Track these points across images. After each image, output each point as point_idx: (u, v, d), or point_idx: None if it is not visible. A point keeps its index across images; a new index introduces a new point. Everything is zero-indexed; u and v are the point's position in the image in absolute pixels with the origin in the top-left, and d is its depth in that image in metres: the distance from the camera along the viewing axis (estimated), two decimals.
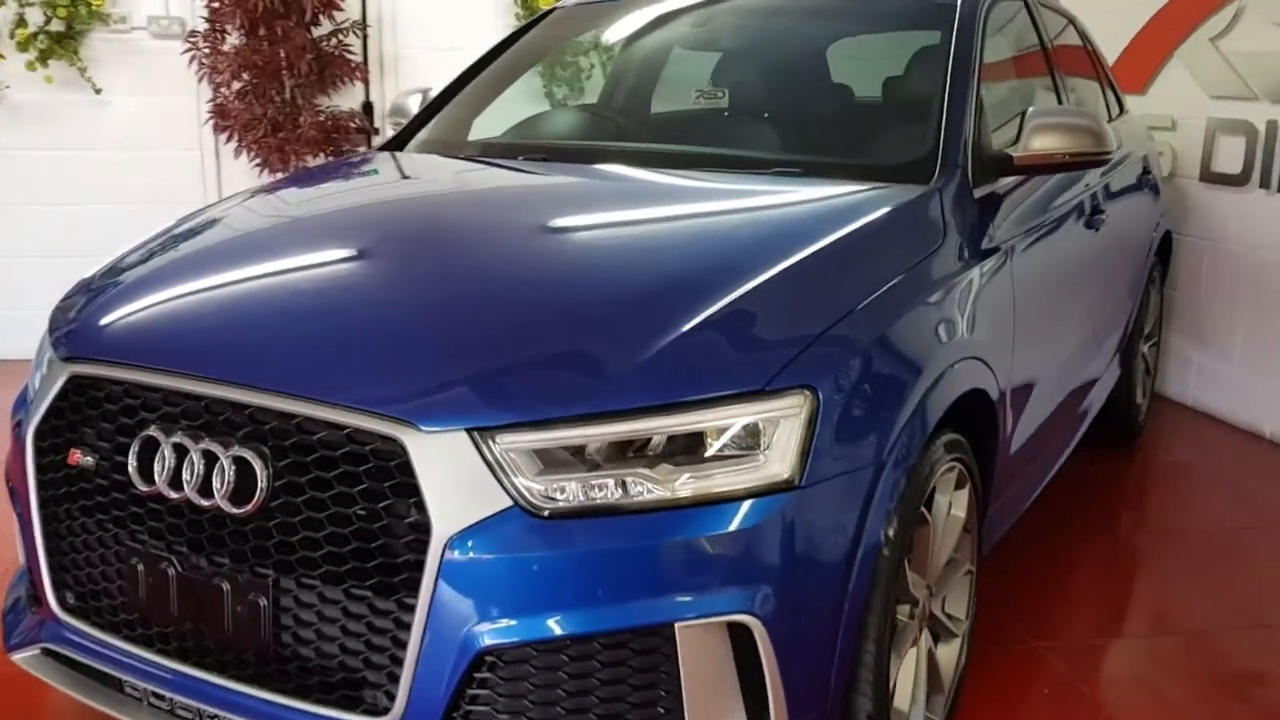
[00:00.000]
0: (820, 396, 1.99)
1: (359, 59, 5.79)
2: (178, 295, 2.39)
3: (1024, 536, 3.59)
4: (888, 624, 2.18)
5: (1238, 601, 3.44)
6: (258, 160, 5.62)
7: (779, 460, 1.95)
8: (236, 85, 5.60)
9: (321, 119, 5.62)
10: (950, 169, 2.75)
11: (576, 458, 1.91)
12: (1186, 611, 3.39)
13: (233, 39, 5.58)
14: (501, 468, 1.88)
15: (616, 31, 3.81)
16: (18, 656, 2.40)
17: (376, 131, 5.97)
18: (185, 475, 2.04)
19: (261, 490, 1.98)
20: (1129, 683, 3.00)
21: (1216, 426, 5.01)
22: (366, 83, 5.93)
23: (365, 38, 5.84)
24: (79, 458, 2.22)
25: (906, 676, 2.38)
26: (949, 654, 2.61)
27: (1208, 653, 3.15)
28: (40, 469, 2.28)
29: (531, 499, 1.87)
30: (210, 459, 2.03)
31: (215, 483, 2.01)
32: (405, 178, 3.25)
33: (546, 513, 1.87)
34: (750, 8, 3.63)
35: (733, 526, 1.91)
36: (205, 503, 2.03)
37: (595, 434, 1.91)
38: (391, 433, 1.90)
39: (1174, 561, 3.72)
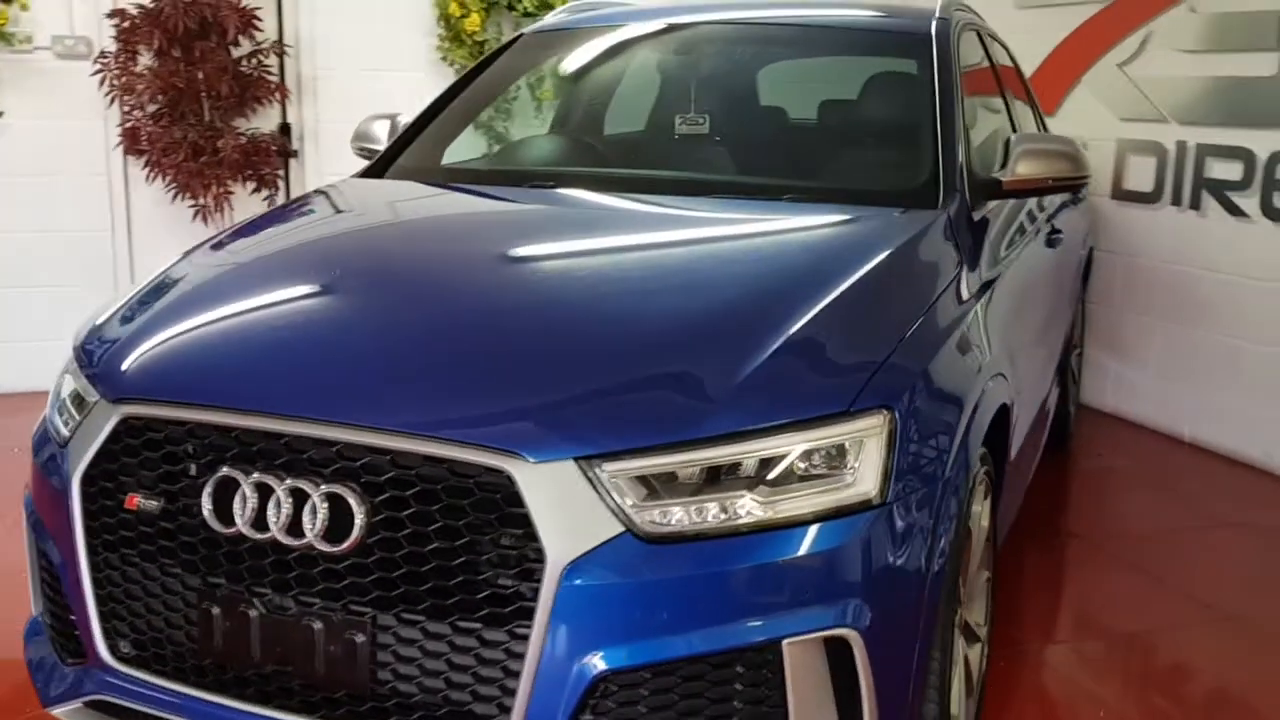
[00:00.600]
0: (897, 415, 2.08)
1: (277, 80, 5.67)
2: (234, 330, 2.33)
3: None
4: (950, 633, 2.27)
5: (1169, 601, 3.66)
6: (173, 185, 5.45)
7: (867, 479, 2.01)
8: (152, 108, 5.43)
9: (243, 142, 5.49)
10: (951, 193, 2.88)
11: (677, 482, 1.95)
12: (1118, 612, 3.57)
13: (145, 60, 5.42)
14: (610, 495, 1.90)
15: (596, 57, 3.84)
16: (61, 710, 2.30)
17: (295, 154, 5.86)
18: (270, 515, 2.01)
19: (359, 527, 1.96)
20: (1063, 683, 3.16)
21: (1136, 431, 5.32)
22: (285, 104, 5.83)
23: (283, 59, 5.73)
24: (139, 502, 2.15)
25: (957, 682, 2.48)
26: (975, 658, 2.73)
27: (1138, 652, 3.32)
28: (89, 515, 2.20)
29: (642, 525, 1.90)
30: (298, 497, 2.00)
31: (306, 521, 1.98)
32: (424, 205, 3.23)
33: (656, 537, 1.91)
34: (730, 35, 3.71)
35: (830, 544, 1.97)
36: (295, 542, 1.99)
37: (697, 458, 1.94)
38: (499, 464, 1.90)
39: (1110, 563, 3.93)
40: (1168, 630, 3.43)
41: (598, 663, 1.88)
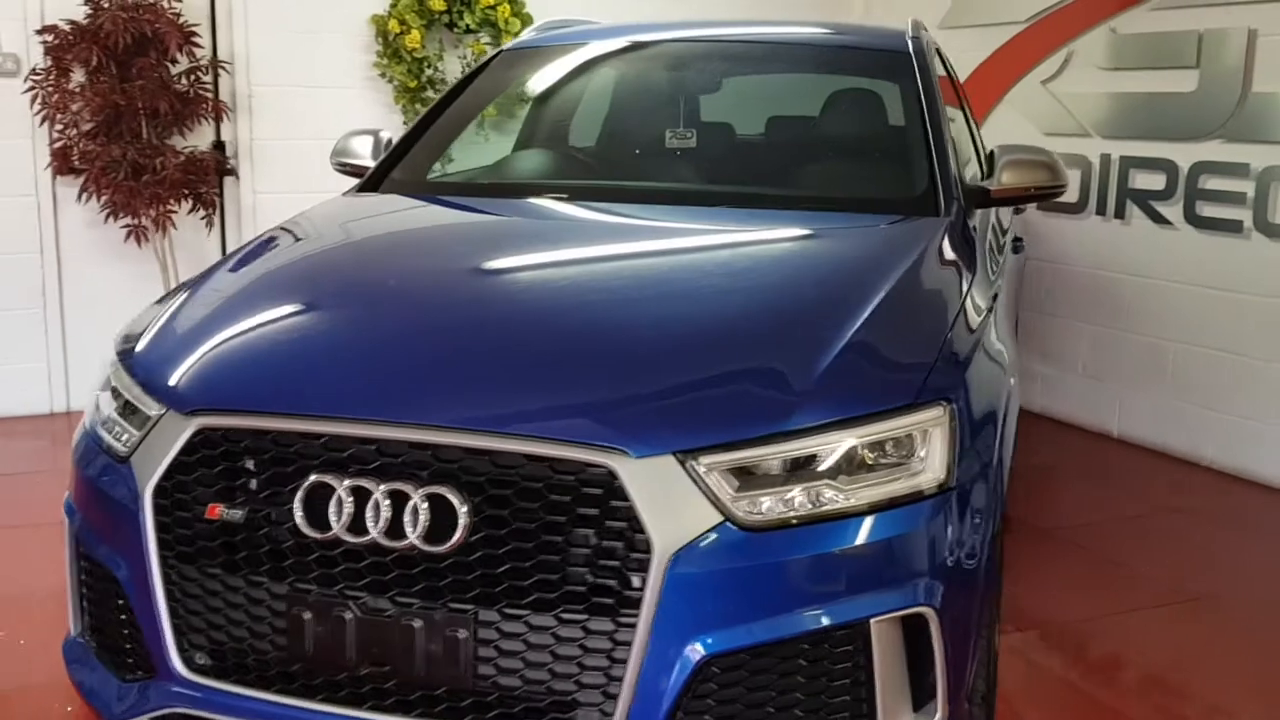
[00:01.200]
0: (955, 407, 2.21)
1: (214, 97, 5.59)
2: (306, 340, 2.34)
3: None
4: (996, 611, 2.42)
5: (1128, 580, 3.89)
6: (109, 205, 5.31)
7: (935, 465, 2.14)
8: (86, 126, 5.30)
9: (182, 160, 5.39)
10: (951, 202, 3.04)
11: (767, 473, 2.05)
12: (1057, 605, 3.74)
13: (77, 77, 5.29)
14: (708, 486, 1.99)
15: (585, 73, 3.91)
16: None
17: (232, 171, 5.78)
18: (369, 518, 2.03)
19: (463, 527, 2.00)
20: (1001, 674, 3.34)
21: (1066, 429, 5.61)
22: (219, 122, 5.74)
23: (217, 75, 5.65)
24: (220, 511, 2.15)
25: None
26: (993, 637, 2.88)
27: (1074, 642, 3.50)
28: (162, 527, 2.18)
29: (739, 514, 1.99)
30: (397, 500, 2.03)
31: (408, 523, 2.02)
32: (448, 218, 3.28)
33: (753, 526, 2.00)
34: (720, 53, 3.83)
35: (907, 528, 2.08)
36: (395, 544, 2.03)
37: (784, 450, 2.04)
38: (602, 461, 1.96)
39: (1063, 549, 4.14)
40: (1131, 610, 3.64)
41: (701, 648, 1.96)
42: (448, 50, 6.02)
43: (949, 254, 2.78)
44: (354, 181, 3.75)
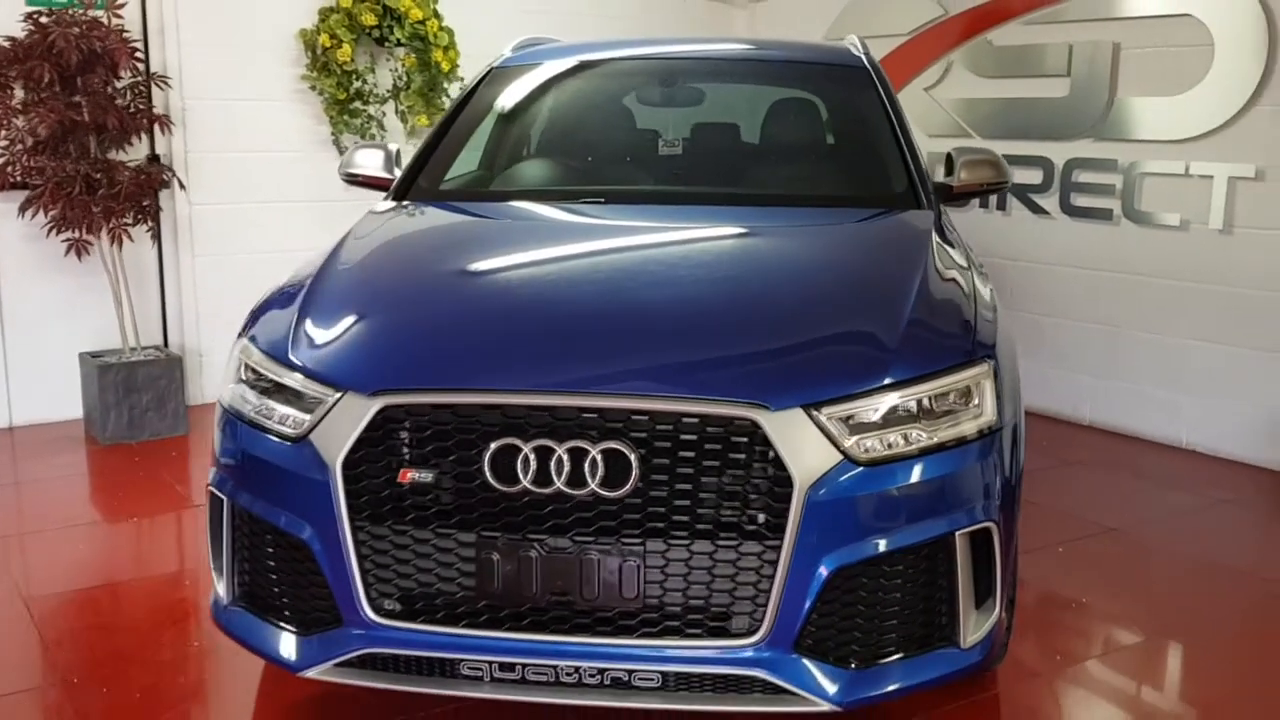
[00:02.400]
0: (995, 363, 2.75)
1: (161, 112, 5.72)
2: (464, 324, 2.70)
3: None
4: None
5: (1056, 520, 4.55)
6: (59, 220, 5.37)
7: (988, 410, 2.65)
8: (30, 142, 5.35)
9: (134, 174, 5.51)
10: (929, 196, 3.60)
11: (870, 419, 2.52)
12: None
13: (18, 94, 5.35)
14: (829, 432, 2.45)
15: (581, 86, 4.30)
16: (315, 672, 2.57)
17: (175, 184, 5.88)
18: (553, 472, 2.42)
19: (635, 475, 2.41)
20: None
21: None
22: (153, 136, 5.86)
23: (150, 91, 5.76)
24: (411, 475, 2.50)
25: None
26: None
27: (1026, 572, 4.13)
28: (351, 493, 2.51)
29: (854, 452, 2.47)
30: (575, 456, 2.43)
31: (587, 474, 2.42)
32: (523, 215, 3.63)
33: (865, 462, 2.47)
34: (697, 69, 4.29)
35: (977, 460, 2.59)
36: (577, 492, 2.43)
37: (883, 401, 2.52)
38: (749, 415, 2.40)
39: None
40: (1061, 542, 4.29)
41: (832, 561, 2.42)
42: (379, 64, 6.27)
43: (947, 239, 3.33)
44: (359, 191, 4.06)
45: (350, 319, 2.77)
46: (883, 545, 2.48)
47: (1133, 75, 5.50)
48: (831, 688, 2.45)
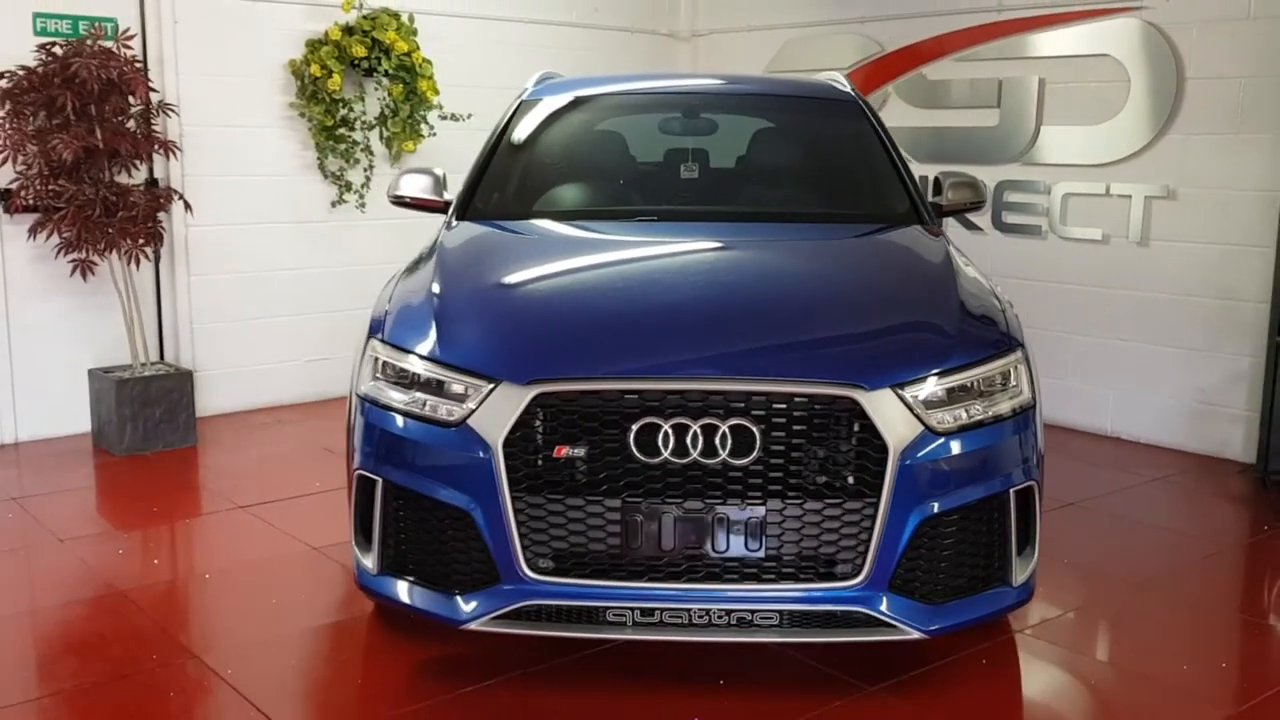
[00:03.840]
0: (1024, 350, 3.32)
1: (169, 138, 5.98)
2: (596, 322, 3.19)
3: None
4: None
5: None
6: (69, 242, 5.59)
7: (1025, 389, 3.22)
8: (45, 168, 5.55)
9: (148, 197, 5.76)
10: (928, 212, 4.20)
11: (940, 396, 3.06)
12: None
13: (38, 120, 5.56)
14: (912, 407, 2.99)
15: (618, 116, 4.79)
16: (477, 624, 3.00)
17: (171, 206, 6.13)
18: (689, 445, 2.90)
19: (758, 446, 2.91)
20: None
21: None
22: (152, 160, 6.11)
23: (150, 118, 6.01)
24: (566, 451, 2.95)
25: None
26: None
27: None
28: (511, 469, 2.95)
29: (932, 424, 3.01)
30: (708, 431, 2.91)
31: (718, 446, 2.90)
32: (597, 230, 4.06)
33: (940, 432, 3.01)
34: (703, 102, 4.81)
35: (1020, 430, 3.15)
36: (710, 462, 2.91)
37: (951, 381, 3.06)
38: (850, 394, 2.93)
39: None
40: None
41: (918, 514, 2.96)
42: (370, 92, 6.64)
43: (954, 247, 3.92)
44: (406, 213, 4.48)
45: (491, 322, 3.23)
46: (955, 501, 3.02)
47: (1057, 107, 6.23)
48: (920, 619, 2.99)
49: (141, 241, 5.70)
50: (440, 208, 4.38)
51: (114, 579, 4.08)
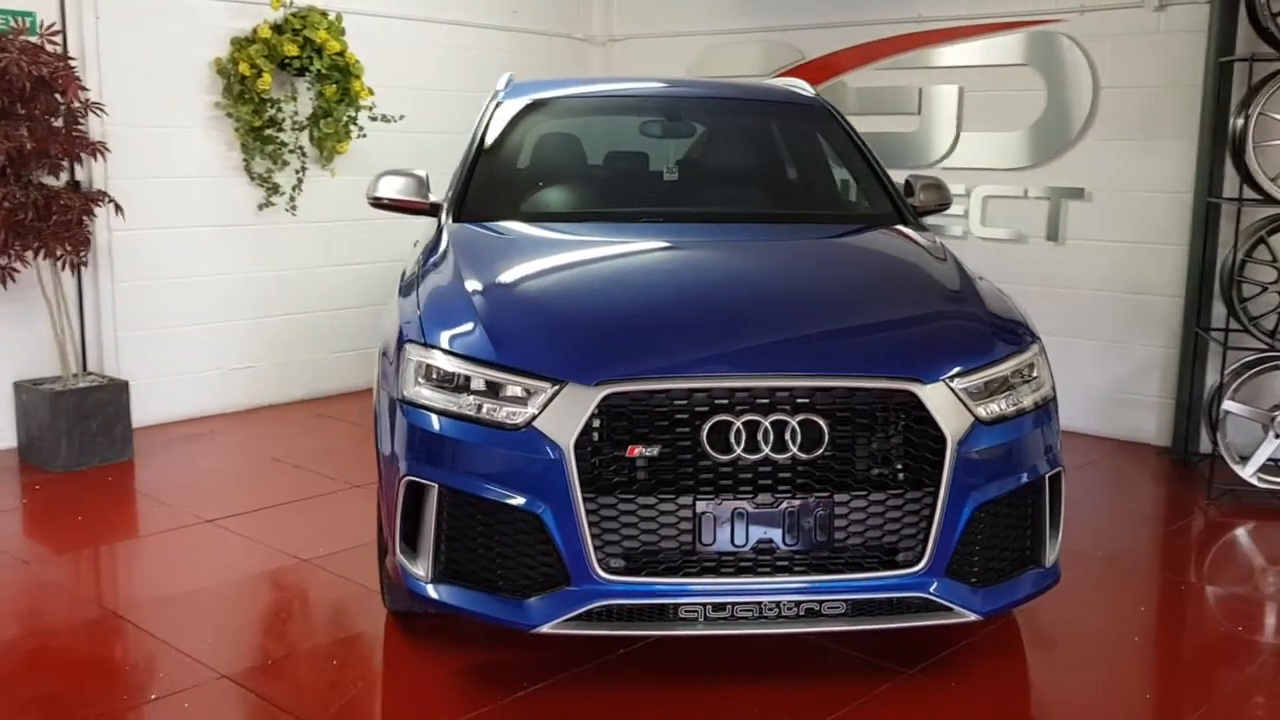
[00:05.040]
0: (1040, 344, 3.52)
1: (98, 140, 5.71)
2: (656, 323, 3.24)
3: None
4: None
5: None
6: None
7: (1047, 382, 3.41)
8: None
9: (81, 200, 5.51)
10: (910, 212, 4.38)
11: (984, 389, 3.20)
12: None
13: None
14: (963, 399, 3.14)
15: (600, 118, 4.82)
16: (548, 627, 3.00)
17: (95, 210, 5.86)
18: (760, 441, 2.98)
19: (826, 439, 3.01)
20: None
21: None
22: (74, 163, 5.83)
23: (77, 118, 5.74)
24: (638, 451, 2.99)
25: None
26: None
27: None
28: (582, 470, 2.98)
29: (981, 414, 3.16)
30: (778, 427, 3.00)
31: (788, 441, 2.99)
32: (613, 234, 4.09)
33: (988, 421, 3.17)
34: (702, 106, 4.89)
35: (1048, 420, 3.33)
36: (780, 457, 3.00)
37: (992, 374, 3.20)
38: (908, 388, 3.06)
39: None
40: None
41: (973, 501, 3.10)
42: (303, 91, 6.47)
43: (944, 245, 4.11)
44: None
45: (547, 323, 3.25)
46: (1003, 488, 3.19)
47: (977, 114, 6.55)
48: (974, 601, 3.15)
49: (71, 247, 5.44)
50: (425, 210, 4.35)
51: (104, 600, 3.93)
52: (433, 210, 4.33)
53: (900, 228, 4.22)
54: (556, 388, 3.01)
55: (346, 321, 7.00)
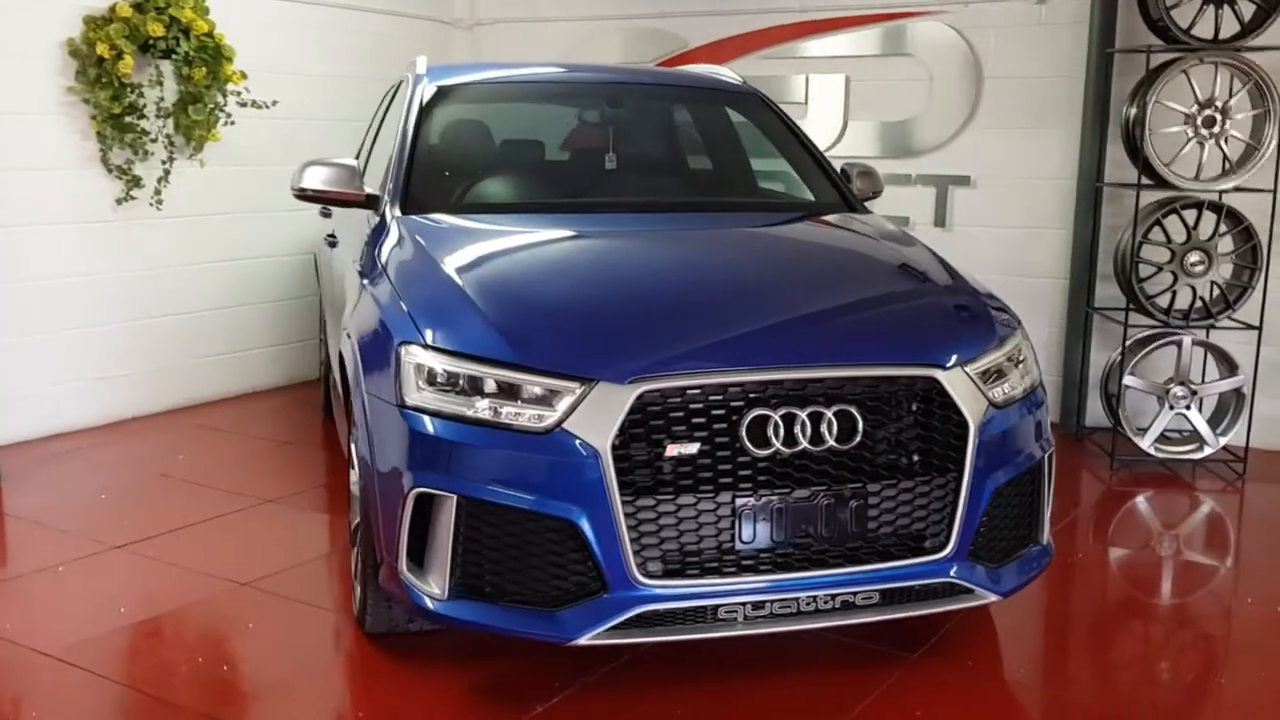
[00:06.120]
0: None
1: None
2: (684, 316, 3.12)
3: None
4: None
5: None
6: None
7: (1034, 367, 3.46)
8: None
9: None
10: (854, 198, 4.39)
11: (991, 373, 3.21)
12: None
13: None
14: (977, 384, 3.15)
15: (535, 105, 4.59)
16: (587, 638, 2.85)
17: None
18: (798, 433, 2.90)
19: (861, 429, 2.96)
20: None
21: None
22: None
23: None
24: (676, 450, 2.86)
25: None
26: None
27: None
28: (620, 472, 2.83)
29: (994, 398, 3.18)
30: (814, 419, 2.92)
31: (824, 432, 2.92)
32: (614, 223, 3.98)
33: (999, 405, 3.19)
34: (633, 92, 4.74)
35: (1040, 403, 3.38)
36: (818, 449, 2.93)
37: (994, 360, 3.23)
38: (931, 374, 3.05)
39: None
40: None
41: (992, 484, 3.12)
42: (169, 76, 5.98)
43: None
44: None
45: (567, 319, 3.09)
46: (1015, 469, 3.22)
47: (863, 103, 6.66)
48: (994, 583, 3.17)
49: None
50: (359, 202, 4.08)
51: (33, 641, 3.50)
52: (368, 202, 4.06)
53: (867, 215, 4.23)
54: (586, 387, 2.86)
55: (219, 323, 6.55)
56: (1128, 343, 5.53)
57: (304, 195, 4.12)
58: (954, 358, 3.12)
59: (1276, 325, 5.45)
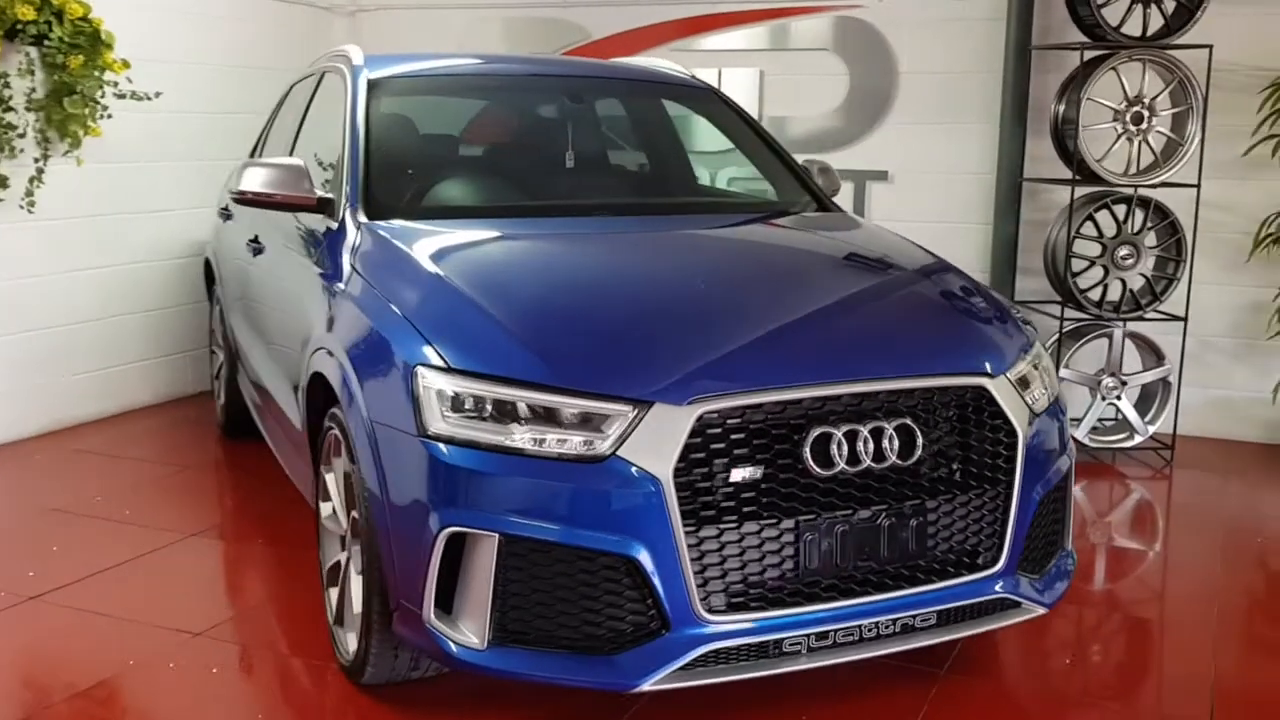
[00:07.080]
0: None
1: None
2: (729, 331, 2.89)
3: None
4: None
5: None
6: None
7: (1053, 383, 3.37)
8: None
9: None
10: (828, 200, 4.25)
11: (1022, 381, 3.11)
12: None
13: None
14: (1017, 390, 3.03)
15: (490, 100, 4.26)
16: (651, 684, 2.61)
17: None
18: (861, 451, 2.72)
19: (921, 444, 2.80)
20: None
21: None
22: None
23: None
24: (741, 474, 2.64)
25: None
26: None
27: None
28: (683, 500, 2.59)
29: (1035, 406, 3.07)
30: (875, 435, 2.75)
31: (886, 448, 2.75)
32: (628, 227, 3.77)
33: (1036, 413, 3.09)
34: (587, 87, 4.46)
35: (1064, 416, 3.30)
36: (880, 467, 2.75)
37: (1027, 365, 3.13)
38: (981, 383, 2.92)
39: None
40: None
41: (1038, 493, 3.02)
42: (37, 66, 5.37)
43: None
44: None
45: (595, 334, 2.86)
46: (1055, 477, 3.13)
47: (778, 97, 6.54)
48: (1041, 595, 3.07)
49: None
50: (309, 206, 3.71)
51: None
52: (319, 206, 3.70)
53: (848, 215, 4.10)
54: (640, 409, 2.61)
55: (90, 336, 5.94)
56: (1064, 334, 5.57)
57: (244, 199, 3.74)
58: (998, 365, 3.01)
59: (1200, 316, 5.58)
